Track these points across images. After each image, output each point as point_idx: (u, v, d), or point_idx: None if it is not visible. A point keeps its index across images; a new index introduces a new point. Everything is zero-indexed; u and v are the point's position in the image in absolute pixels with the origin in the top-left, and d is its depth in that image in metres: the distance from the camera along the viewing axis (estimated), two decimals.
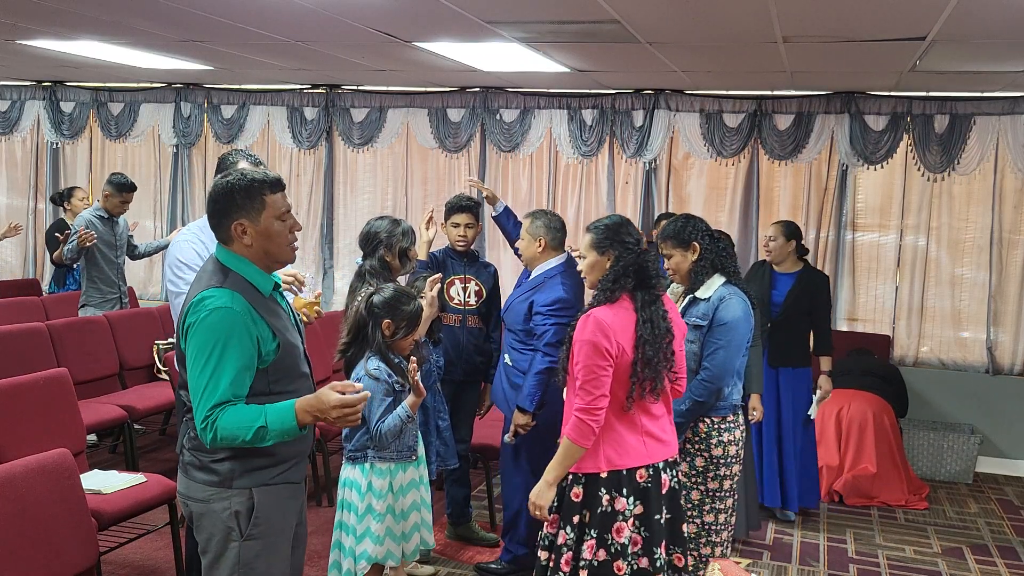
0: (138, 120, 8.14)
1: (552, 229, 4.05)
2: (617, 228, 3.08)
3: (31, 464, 3.16)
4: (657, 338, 2.92)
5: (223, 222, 2.47)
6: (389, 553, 3.32)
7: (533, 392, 3.90)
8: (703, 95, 6.81)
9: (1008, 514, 5.62)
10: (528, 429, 3.96)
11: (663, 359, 2.95)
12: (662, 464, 2.99)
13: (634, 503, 2.92)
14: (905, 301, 6.70)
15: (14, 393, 3.93)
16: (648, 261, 3.03)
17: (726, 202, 6.93)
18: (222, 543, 2.51)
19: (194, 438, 2.49)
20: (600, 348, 2.87)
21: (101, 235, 6.09)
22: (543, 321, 3.92)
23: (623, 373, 2.91)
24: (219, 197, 2.47)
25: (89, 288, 6.19)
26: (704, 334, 3.42)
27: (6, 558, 2.91)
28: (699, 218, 3.65)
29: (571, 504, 2.95)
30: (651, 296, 2.98)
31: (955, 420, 6.53)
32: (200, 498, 2.51)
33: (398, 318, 3.32)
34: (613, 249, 3.03)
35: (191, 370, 2.41)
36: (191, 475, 2.54)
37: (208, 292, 2.41)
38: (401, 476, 3.37)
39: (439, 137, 7.40)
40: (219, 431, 2.35)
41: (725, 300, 3.42)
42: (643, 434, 2.96)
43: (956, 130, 6.36)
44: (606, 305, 2.96)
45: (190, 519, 2.58)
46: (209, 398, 2.36)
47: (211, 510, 2.50)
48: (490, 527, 4.87)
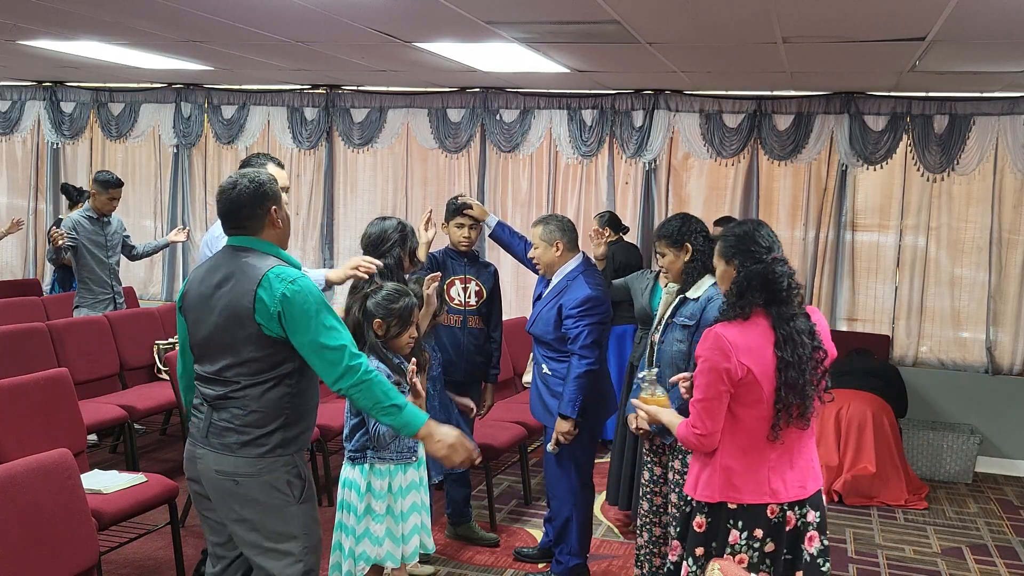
0: (138, 120, 8.14)
1: (566, 231, 4.02)
2: (743, 236, 2.81)
3: (31, 464, 3.16)
4: (802, 360, 2.65)
5: (258, 212, 2.71)
6: (388, 554, 3.31)
7: (575, 397, 3.83)
8: (703, 95, 6.82)
9: (1008, 514, 5.62)
10: (571, 437, 3.89)
11: (810, 382, 2.67)
12: (796, 502, 2.73)
13: (764, 539, 2.70)
14: (905, 301, 6.70)
15: (14, 393, 3.93)
16: (776, 272, 2.70)
17: (726, 202, 6.93)
18: (278, 510, 2.68)
19: (244, 415, 2.64)
20: (718, 369, 2.64)
21: (89, 235, 6.07)
22: (575, 324, 3.85)
23: (749, 397, 2.66)
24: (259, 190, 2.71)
25: (81, 289, 6.18)
26: (692, 334, 3.43)
27: (6, 558, 2.91)
28: (697, 218, 3.67)
29: (695, 535, 2.77)
30: (788, 312, 2.69)
31: (954, 420, 6.53)
32: (251, 472, 2.65)
33: (388, 317, 3.32)
34: (735, 258, 2.77)
35: (311, 331, 2.59)
36: (237, 452, 2.65)
37: (279, 268, 2.64)
38: (401, 477, 3.36)
39: (439, 137, 7.40)
40: (372, 382, 2.63)
41: (713, 301, 3.44)
42: (783, 466, 2.70)
43: (955, 130, 6.36)
44: (736, 322, 2.70)
45: (232, 497, 2.67)
46: (350, 345, 2.63)
47: (263, 482, 2.66)
48: (490, 527, 4.87)
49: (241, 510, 2.68)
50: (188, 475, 2.81)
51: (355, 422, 3.33)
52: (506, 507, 5.28)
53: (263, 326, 2.60)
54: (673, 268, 3.57)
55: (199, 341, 2.75)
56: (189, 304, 2.79)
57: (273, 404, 2.67)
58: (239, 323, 2.62)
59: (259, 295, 2.59)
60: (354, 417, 3.34)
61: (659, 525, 3.71)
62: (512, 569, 4.40)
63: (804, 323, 2.71)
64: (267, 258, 2.69)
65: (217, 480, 2.68)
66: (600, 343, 3.93)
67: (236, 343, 2.64)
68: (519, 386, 6.38)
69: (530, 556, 4.46)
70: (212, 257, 2.81)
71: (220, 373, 2.68)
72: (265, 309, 2.59)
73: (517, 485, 5.56)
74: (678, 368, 3.41)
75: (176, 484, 4.05)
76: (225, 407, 2.67)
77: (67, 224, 6.07)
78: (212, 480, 2.70)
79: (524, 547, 4.54)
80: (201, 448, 2.72)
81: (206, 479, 2.72)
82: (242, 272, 2.65)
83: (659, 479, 3.70)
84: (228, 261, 2.72)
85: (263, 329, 2.61)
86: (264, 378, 2.66)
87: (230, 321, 2.64)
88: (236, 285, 2.64)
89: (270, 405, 2.67)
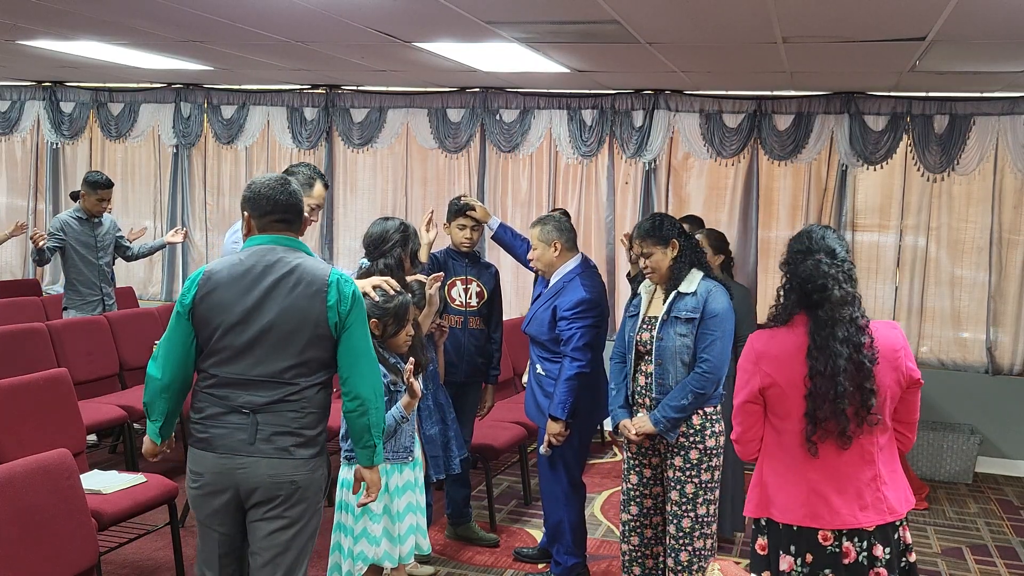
0: (138, 120, 8.14)
1: (564, 231, 4.02)
2: (794, 240, 2.67)
3: (31, 464, 3.16)
4: (836, 371, 2.46)
5: (301, 216, 2.78)
6: (386, 554, 3.31)
7: (564, 399, 3.83)
8: (703, 95, 6.81)
9: (1008, 514, 5.62)
10: (562, 439, 3.89)
11: (844, 397, 2.46)
12: (855, 532, 2.53)
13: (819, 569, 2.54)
14: (905, 301, 6.70)
15: (14, 393, 3.93)
16: (816, 274, 2.52)
17: (726, 202, 6.93)
18: (315, 506, 2.77)
19: (311, 413, 2.67)
20: (745, 375, 2.58)
21: (78, 236, 6.01)
22: (568, 326, 3.86)
23: (780, 407, 2.56)
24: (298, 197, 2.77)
25: (68, 291, 6.11)
26: (696, 327, 3.45)
27: (6, 558, 2.91)
28: (671, 216, 3.69)
29: (757, 557, 2.68)
30: (827, 317, 2.50)
31: (955, 420, 6.53)
32: (308, 470, 2.70)
33: (384, 316, 3.32)
34: (785, 264, 2.63)
35: (364, 336, 2.71)
36: (296, 454, 2.67)
37: (337, 271, 2.72)
38: (397, 477, 3.36)
39: (439, 137, 7.39)
40: (384, 408, 2.79)
41: (712, 292, 3.47)
42: (826, 488, 2.53)
43: (956, 130, 6.35)
44: (773, 328, 2.60)
45: (287, 500, 2.66)
46: None
47: (314, 479, 2.73)
48: (490, 527, 4.87)
49: (288, 512, 2.68)
50: (219, 487, 2.67)
51: None
52: (506, 507, 5.28)
53: (332, 327, 2.64)
54: (661, 266, 3.55)
55: (243, 344, 2.64)
56: (221, 305, 2.65)
57: (322, 404, 2.73)
58: (305, 323, 2.62)
59: (330, 295, 2.63)
60: None
61: (650, 527, 3.68)
62: (512, 569, 4.40)
63: (847, 331, 2.50)
64: (317, 259, 2.75)
65: (272, 486, 2.65)
66: (593, 346, 3.92)
67: (299, 343, 2.63)
68: (519, 386, 6.38)
69: (530, 556, 4.46)
70: (242, 257, 2.70)
71: (276, 376, 2.63)
72: (335, 309, 2.62)
73: (517, 485, 5.56)
74: (682, 361, 3.45)
75: (176, 484, 4.05)
76: (279, 410, 2.64)
77: (55, 224, 6.01)
78: (266, 487, 2.64)
79: (524, 547, 4.54)
80: (245, 457, 2.64)
81: (256, 486, 2.65)
82: (305, 271, 2.66)
83: (648, 481, 3.65)
84: (275, 259, 2.67)
85: (331, 330, 2.64)
86: (319, 379, 2.69)
87: (293, 321, 2.62)
88: (301, 285, 2.63)
89: (322, 405, 2.73)
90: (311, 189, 3.73)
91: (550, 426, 3.88)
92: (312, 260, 2.72)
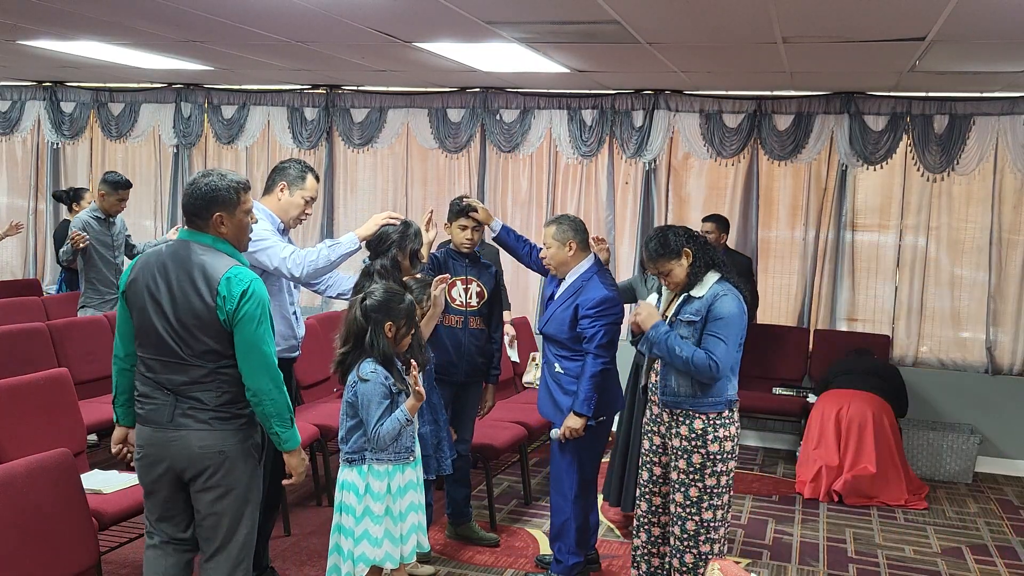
0: (138, 120, 8.14)
1: (579, 231, 4.03)
2: None
3: (31, 464, 3.16)
4: None
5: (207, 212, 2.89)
6: (387, 555, 3.30)
7: (590, 395, 3.86)
8: (703, 95, 6.82)
9: (1007, 514, 5.62)
10: (578, 434, 3.91)
11: None
12: None
13: None
14: (905, 301, 6.71)
15: (14, 393, 3.93)
16: None
17: (726, 202, 6.93)
18: (251, 473, 2.97)
19: (226, 392, 2.86)
20: None
21: (97, 236, 6.07)
22: (591, 324, 3.89)
23: None
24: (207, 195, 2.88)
25: (88, 289, 6.16)
26: (699, 329, 3.46)
27: (6, 558, 2.92)
28: (673, 225, 3.73)
29: None
30: None
31: (955, 420, 6.53)
32: (237, 440, 2.91)
33: (397, 318, 3.31)
34: None
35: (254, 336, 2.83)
36: (221, 428, 2.88)
37: (236, 269, 2.84)
38: (399, 477, 3.35)
39: (439, 137, 7.40)
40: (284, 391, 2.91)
41: (720, 297, 3.48)
42: None
43: (955, 130, 6.36)
44: None
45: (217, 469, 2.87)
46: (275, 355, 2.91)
47: (244, 448, 2.93)
48: (490, 527, 4.87)
49: (222, 480, 2.89)
50: (156, 458, 2.90)
51: (351, 424, 3.31)
52: (506, 507, 5.28)
53: (223, 322, 2.80)
54: (679, 277, 3.58)
55: (156, 329, 2.86)
56: (138, 292, 2.89)
57: (240, 381, 2.89)
58: (200, 316, 2.81)
59: (219, 293, 2.78)
60: (350, 419, 3.32)
61: (658, 525, 3.71)
62: (512, 569, 4.40)
63: None
64: (222, 257, 2.87)
65: (201, 457, 2.86)
66: (614, 343, 3.98)
67: (198, 334, 2.83)
68: (519, 386, 6.39)
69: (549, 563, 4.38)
70: (162, 248, 2.94)
71: (186, 360, 2.85)
72: (223, 308, 2.79)
73: (517, 485, 5.56)
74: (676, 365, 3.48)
75: None
76: (195, 391, 2.86)
77: (76, 224, 6.08)
78: (196, 459, 2.86)
79: (546, 555, 4.43)
80: (173, 432, 2.86)
81: (187, 458, 2.87)
82: (204, 269, 2.82)
83: (659, 479, 3.70)
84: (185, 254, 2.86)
85: (223, 325, 2.81)
86: (230, 362, 2.87)
87: (190, 314, 2.82)
88: (197, 281, 2.81)
89: (240, 382, 2.89)
90: (303, 183, 3.81)
91: (572, 421, 3.90)
92: (215, 258, 2.86)
